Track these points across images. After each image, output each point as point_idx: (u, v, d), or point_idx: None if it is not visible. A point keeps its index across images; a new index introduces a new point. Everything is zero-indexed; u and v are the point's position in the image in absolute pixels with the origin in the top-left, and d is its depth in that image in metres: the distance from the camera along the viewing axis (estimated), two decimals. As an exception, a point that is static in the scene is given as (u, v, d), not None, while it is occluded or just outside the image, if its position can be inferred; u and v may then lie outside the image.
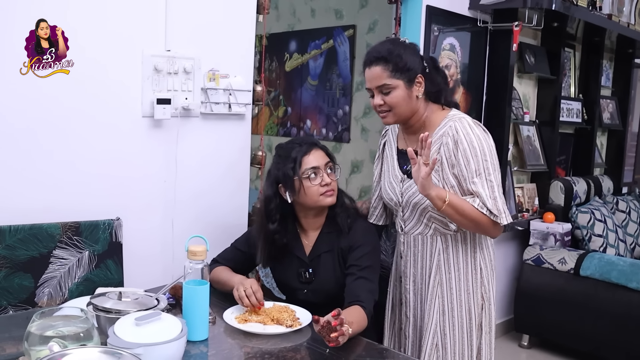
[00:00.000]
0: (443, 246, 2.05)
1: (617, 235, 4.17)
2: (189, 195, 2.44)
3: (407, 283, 2.13)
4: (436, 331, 2.04)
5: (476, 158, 1.92)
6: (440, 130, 1.99)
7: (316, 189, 2.04)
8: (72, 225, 2.08)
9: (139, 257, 2.29)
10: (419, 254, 2.09)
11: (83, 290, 2.09)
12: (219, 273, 2.13)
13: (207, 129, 2.46)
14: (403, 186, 2.07)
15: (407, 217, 2.09)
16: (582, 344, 3.70)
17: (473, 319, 2.05)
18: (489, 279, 2.08)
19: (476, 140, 1.93)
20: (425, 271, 2.09)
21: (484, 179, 1.92)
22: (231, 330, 1.82)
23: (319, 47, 4.95)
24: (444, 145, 1.96)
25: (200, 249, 1.73)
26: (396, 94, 1.95)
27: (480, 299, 2.06)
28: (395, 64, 1.94)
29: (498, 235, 2.03)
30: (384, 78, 1.94)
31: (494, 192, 1.92)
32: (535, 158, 4.20)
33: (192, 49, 2.37)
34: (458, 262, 2.04)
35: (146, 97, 2.26)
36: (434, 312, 2.05)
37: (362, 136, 4.69)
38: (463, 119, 1.98)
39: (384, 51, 1.96)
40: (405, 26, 3.28)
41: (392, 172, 2.13)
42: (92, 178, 2.16)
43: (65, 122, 2.08)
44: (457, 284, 2.04)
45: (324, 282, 2.10)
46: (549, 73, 4.20)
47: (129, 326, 1.51)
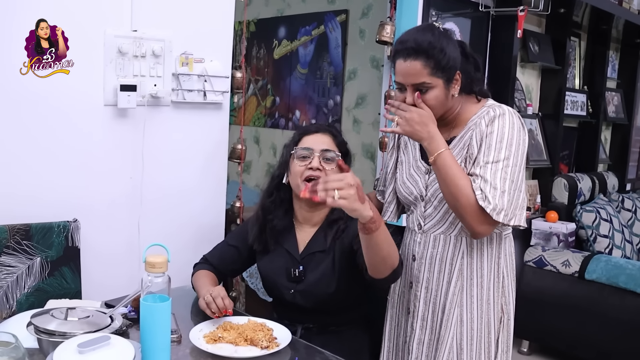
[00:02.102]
0: (468, 249, 1.82)
1: (623, 236, 4.06)
2: (157, 193, 2.27)
3: (418, 290, 1.91)
4: (452, 345, 1.83)
5: (500, 144, 1.71)
6: (476, 118, 1.79)
7: (299, 170, 1.91)
8: (21, 228, 1.89)
9: (100, 264, 2.12)
10: (438, 256, 1.87)
11: (34, 301, 1.91)
12: (196, 279, 2.01)
13: (179, 119, 2.30)
14: (429, 178, 1.86)
15: (430, 213, 1.87)
16: (586, 351, 3.56)
17: (492, 334, 1.84)
18: (510, 289, 1.88)
19: (508, 127, 1.73)
20: (443, 276, 1.86)
21: (499, 168, 1.69)
22: (198, 353, 1.61)
23: (309, 34, 4.82)
24: (477, 127, 1.76)
25: (159, 260, 1.50)
26: (434, 94, 1.72)
27: (500, 311, 1.86)
28: (437, 61, 1.69)
29: (481, 234, 1.76)
30: (423, 76, 1.70)
31: (504, 184, 1.68)
32: (537, 153, 4.09)
33: (162, 29, 2.20)
34: (482, 267, 1.83)
35: (108, 83, 2.09)
36: (452, 323, 1.83)
37: (354, 128, 4.55)
38: (503, 106, 1.80)
39: (425, 43, 1.70)
40: (402, 10, 3.11)
41: (413, 163, 1.92)
42: (44, 174, 2.01)
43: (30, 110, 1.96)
44: (479, 292, 1.83)
45: (314, 284, 1.93)
46: (553, 63, 4.11)
47: (70, 354, 1.31)
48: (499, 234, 1.84)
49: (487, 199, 1.66)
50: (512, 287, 1.89)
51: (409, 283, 1.95)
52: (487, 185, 1.67)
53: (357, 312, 2.01)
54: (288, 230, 2.02)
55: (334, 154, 1.91)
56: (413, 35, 1.75)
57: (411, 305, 1.94)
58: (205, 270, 2.04)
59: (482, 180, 1.68)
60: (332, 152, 1.91)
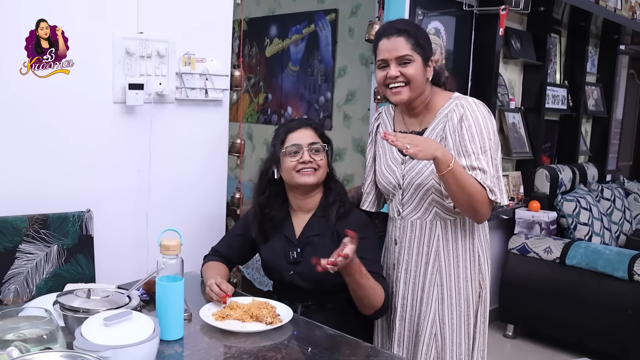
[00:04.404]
0: (442, 232, 2.00)
1: (602, 224, 4.16)
2: (163, 185, 2.35)
3: (399, 271, 2.07)
4: (435, 320, 2.00)
5: (481, 135, 1.90)
6: (445, 109, 1.97)
7: (292, 165, 2.03)
8: (39, 218, 1.98)
9: (111, 251, 2.20)
10: (416, 240, 2.03)
11: (52, 286, 2.00)
12: (204, 271, 2.12)
13: (183, 115, 2.38)
14: (405, 168, 2.01)
15: (407, 200, 2.03)
16: (567, 333, 3.68)
17: (471, 307, 2.02)
18: (486, 266, 2.05)
19: (482, 118, 1.93)
20: (421, 258, 2.03)
21: (489, 157, 1.90)
22: (208, 328, 1.73)
23: (300, 32, 4.86)
24: (449, 121, 1.94)
25: (173, 243, 1.64)
26: (414, 67, 1.92)
27: (477, 287, 2.03)
28: (416, 39, 1.93)
29: (486, 219, 1.97)
30: (406, 49, 1.92)
31: (497, 171, 1.92)
32: (520, 145, 4.18)
33: (166, 31, 2.27)
34: (457, 248, 2.00)
35: (117, 82, 2.16)
36: (432, 300, 2.00)
37: (345, 123, 4.61)
38: (468, 98, 1.99)
39: (407, 25, 1.97)
40: (389, 9, 3.19)
41: (390, 155, 2.08)
42: (60, 167, 2.07)
43: (31, 110, 1.99)
44: (456, 270, 2.00)
45: (311, 265, 2.01)
46: (534, 59, 4.19)
47: (97, 327, 1.42)
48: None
49: (492, 191, 1.87)
50: (488, 263, 2.06)
51: (392, 265, 2.11)
52: (487, 176, 1.87)
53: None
54: (285, 218, 2.13)
55: (319, 146, 2.06)
56: (396, 21, 2.01)
57: (393, 285, 2.09)
58: (212, 262, 2.14)
59: (482, 172, 1.87)
60: (318, 144, 2.07)
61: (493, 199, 1.88)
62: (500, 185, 1.90)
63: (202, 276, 2.11)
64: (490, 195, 1.87)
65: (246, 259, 2.27)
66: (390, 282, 2.11)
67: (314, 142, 2.07)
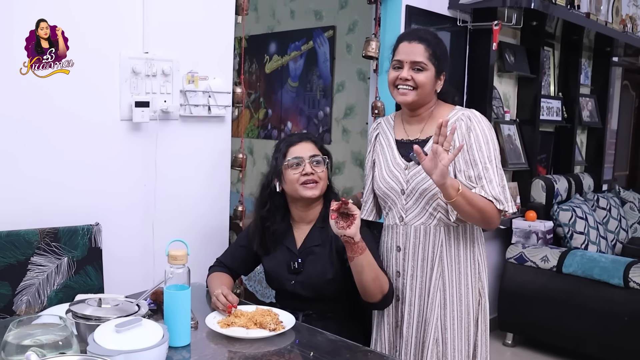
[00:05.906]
0: (445, 237, 2.04)
1: (598, 232, 4.19)
2: (169, 198, 2.41)
3: (405, 278, 2.10)
4: (437, 325, 2.03)
5: (487, 145, 1.99)
6: (452, 119, 2.03)
7: (295, 178, 2.08)
8: (50, 231, 2.04)
9: (119, 263, 2.26)
10: (420, 246, 2.07)
11: (62, 297, 2.05)
12: (210, 280, 2.16)
13: (187, 131, 2.44)
14: (409, 173, 2.06)
15: (410, 206, 2.07)
16: (565, 341, 3.72)
17: (471, 314, 2.05)
18: (484, 274, 2.10)
19: (487, 130, 2.02)
20: (426, 263, 2.06)
21: (494, 166, 1.98)
22: (214, 335, 1.79)
23: (299, 49, 4.93)
24: (458, 129, 2.01)
25: (180, 253, 1.70)
26: (425, 75, 2.01)
27: (477, 294, 2.07)
28: (434, 51, 2.02)
29: (496, 226, 2.05)
30: (423, 57, 2.00)
31: (502, 180, 1.99)
32: (516, 157, 4.22)
33: (170, 50, 2.34)
34: (459, 254, 2.05)
35: (124, 100, 2.23)
36: (436, 305, 2.03)
37: (343, 137, 4.67)
38: (473, 110, 2.08)
39: (430, 36, 2.05)
40: (385, 26, 3.27)
41: (392, 161, 2.12)
42: (70, 182, 2.13)
43: (43, 125, 2.06)
44: (457, 277, 2.05)
45: (313, 275, 2.11)
46: (528, 72, 4.23)
47: (109, 333, 1.48)
48: (471, 225, 2.06)
49: (499, 201, 1.94)
50: (486, 272, 2.11)
51: (396, 272, 2.12)
52: (494, 185, 1.94)
53: (352, 301, 2.15)
54: (286, 230, 2.19)
55: (320, 158, 2.13)
56: (422, 30, 2.11)
57: (399, 292, 2.11)
58: (217, 272, 2.20)
59: (488, 182, 1.94)
60: (319, 156, 2.13)
61: (501, 209, 1.95)
62: (505, 194, 1.96)
63: (207, 286, 2.17)
64: (497, 205, 1.94)
65: (250, 269, 2.31)
66: (395, 289, 2.12)
67: (314, 154, 2.12)
